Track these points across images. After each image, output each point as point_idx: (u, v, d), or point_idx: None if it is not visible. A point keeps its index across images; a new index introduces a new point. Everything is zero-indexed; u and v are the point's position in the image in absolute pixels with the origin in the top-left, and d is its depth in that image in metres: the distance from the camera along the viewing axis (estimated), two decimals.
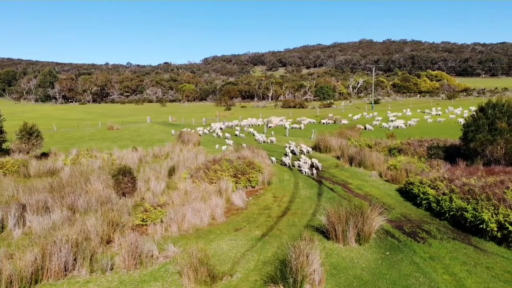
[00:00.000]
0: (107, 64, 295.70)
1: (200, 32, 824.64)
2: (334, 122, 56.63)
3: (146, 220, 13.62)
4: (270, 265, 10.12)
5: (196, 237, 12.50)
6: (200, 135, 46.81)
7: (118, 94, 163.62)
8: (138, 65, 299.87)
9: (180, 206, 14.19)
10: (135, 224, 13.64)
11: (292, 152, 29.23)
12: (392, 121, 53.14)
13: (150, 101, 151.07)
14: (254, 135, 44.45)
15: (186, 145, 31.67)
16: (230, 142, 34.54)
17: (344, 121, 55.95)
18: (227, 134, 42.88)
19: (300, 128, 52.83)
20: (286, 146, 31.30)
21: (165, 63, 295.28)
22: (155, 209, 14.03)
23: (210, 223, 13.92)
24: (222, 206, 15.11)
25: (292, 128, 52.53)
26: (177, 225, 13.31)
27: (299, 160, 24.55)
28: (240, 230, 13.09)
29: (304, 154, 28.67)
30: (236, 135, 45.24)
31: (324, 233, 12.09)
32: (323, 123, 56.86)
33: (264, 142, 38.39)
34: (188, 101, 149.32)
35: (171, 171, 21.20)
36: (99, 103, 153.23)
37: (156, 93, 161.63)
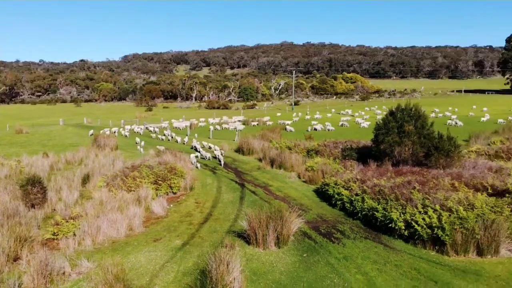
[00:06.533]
0: (17, 61, 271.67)
1: (119, 28, 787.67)
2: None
3: (57, 234, 12.65)
4: (190, 276, 9.95)
5: (112, 250, 11.88)
6: (122, 134, 45.26)
7: (28, 94, 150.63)
8: (51, 63, 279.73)
9: (94, 218, 13.36)
10: (45, 238, 12.61)
11: (195, 148, 32.37)
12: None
13: (64, 101, 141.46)
14: (156, 132, 46.97)
15: (102, 150, 30.01)
16: (162, 147, 33.68)
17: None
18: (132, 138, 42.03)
19: (229, 128, 53.06)
20: (193, 142, 34.80)
21: (81, 60, 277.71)
22: (67, 221, 13.08)
23: (128, 235, 13.31)
24: (141, 215, 14.53)
25: (223, 129, 53.19)
26: (91, 238, 12.53)
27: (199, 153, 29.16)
28: (160, 240, 12.70)
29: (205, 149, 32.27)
30: (158, 137, 44.08)
31: (245, 238, 12.19)
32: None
33: (178, 143, 38.61)
34: (106, 101, 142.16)
35: (86, 179, 19.92)
36: (8, 103, 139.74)
37: (70, 93, 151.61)
